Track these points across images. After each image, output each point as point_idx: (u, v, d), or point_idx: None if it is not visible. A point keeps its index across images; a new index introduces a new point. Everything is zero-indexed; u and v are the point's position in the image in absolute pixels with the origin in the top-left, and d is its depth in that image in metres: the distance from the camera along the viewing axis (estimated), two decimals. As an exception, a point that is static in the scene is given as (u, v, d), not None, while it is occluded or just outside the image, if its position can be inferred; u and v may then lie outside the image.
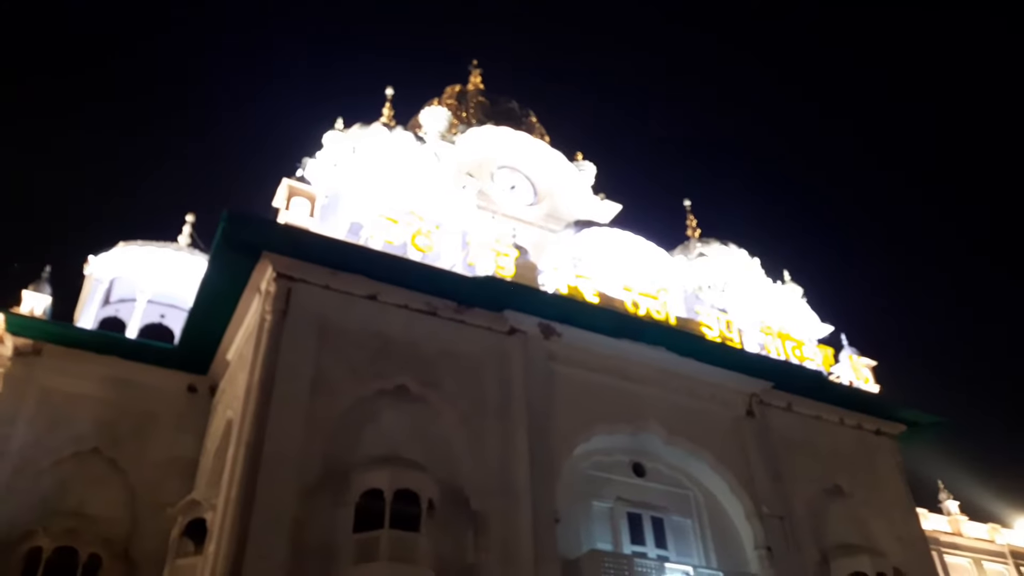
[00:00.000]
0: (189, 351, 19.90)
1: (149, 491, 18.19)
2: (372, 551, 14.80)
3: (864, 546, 21.03)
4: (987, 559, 31.52)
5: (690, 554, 19.52)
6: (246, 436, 15.47)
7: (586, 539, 18.43)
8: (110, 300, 22.74)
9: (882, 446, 24.12)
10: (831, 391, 23.78)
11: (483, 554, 16.10)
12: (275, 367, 16.23)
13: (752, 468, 20.82)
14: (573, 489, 18.77)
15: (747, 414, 21.96)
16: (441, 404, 17.69)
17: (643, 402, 20.48)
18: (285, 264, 17.35)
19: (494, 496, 16.89)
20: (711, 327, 22.30)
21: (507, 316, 19.45)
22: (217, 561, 14.31)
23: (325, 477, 15.58)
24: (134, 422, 19.05)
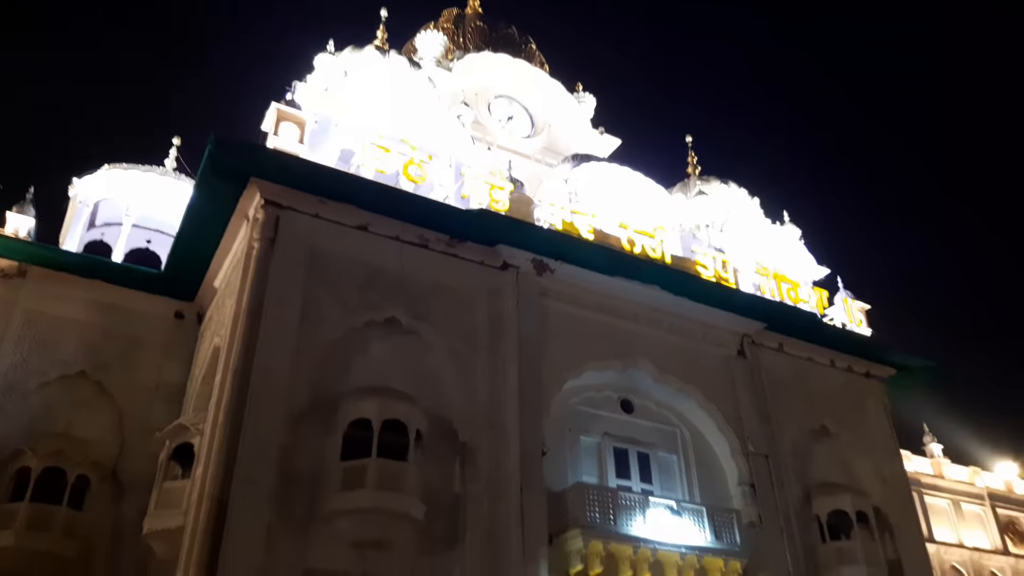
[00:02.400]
0: (175, 277, 19.64)
1: (137, 415, 18.19)
2: (359, 478, 14.87)
3: (846, 485, 21.36)
4: (966, 501, 32.19)
5: (674, 489, 19.80)
6: (234, 363, 15.38)
7: (572, 472, 18.62)
8: (95, 224, 22.36)
9: (871, 389, 24.26)
10: (823, 333, 23.77)
11: (470, 484, 16.22)
12: (263, 295, 16.03)
13: (740, 407, 20.95)
14: (561, 424, 18.88)
15: (738, 354, 21.97)
16: (432, 337, 17.56)
17: (634, 340, 20.43)
18: (273, 191, 16.95)
19: (482, 428, 16.95)
20: (706, 266, 22.11)
21: (500, 251, 19.18)
22: (205, 485, 14.38)
23: (313, 406, 15.55)
24: (121, 347, 18.91)
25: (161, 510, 15.83)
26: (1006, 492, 33.71)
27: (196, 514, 14.34)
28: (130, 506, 17.02)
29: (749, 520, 19.39)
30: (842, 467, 22.07)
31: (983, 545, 31.18)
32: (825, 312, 24.35)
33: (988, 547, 31.28)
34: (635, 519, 17.62)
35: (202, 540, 13.65)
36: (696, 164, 28.36)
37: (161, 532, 15.65)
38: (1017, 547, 32.24)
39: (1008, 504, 33.27)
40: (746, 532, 19.06)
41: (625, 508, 17.67)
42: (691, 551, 17.85)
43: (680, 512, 18.30)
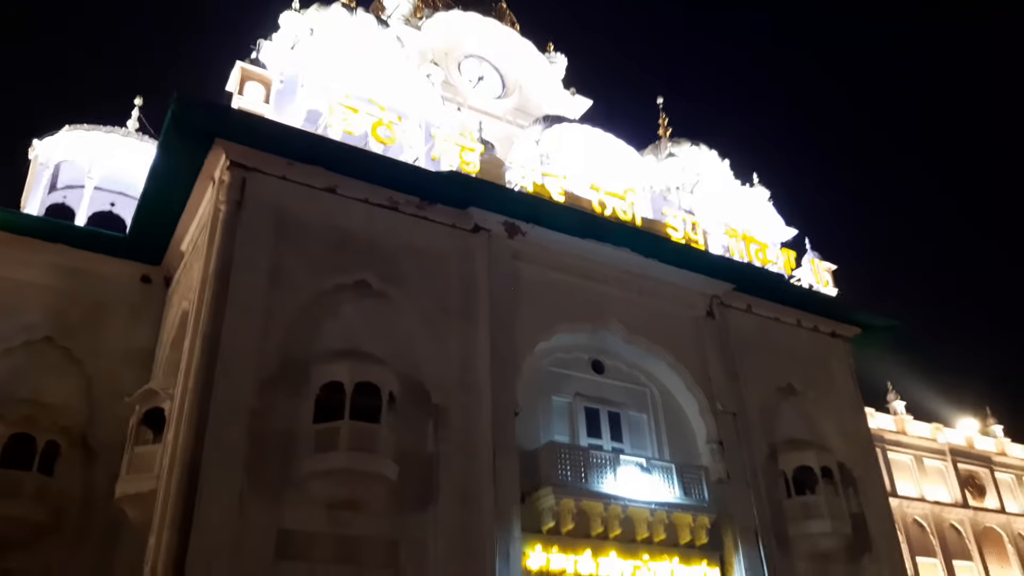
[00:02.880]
0: (141, 240, 19.30)
1: (105, 381, 17.98)
2: (332, 441, 14.92)
3: (812, 442, 21.88)
4: (928, 456, 33.11)
5: (644, 447, 20.14)
6: (202, 328, 15.23)
7: (544, 432, 18.84)
8: (57, 186, 21.88)
9: (836, 348, 24.73)
10: (791, 293, 24.11)
11: (443, 445, 16.35)
12: (231, 259, 15.83)
13: (709, 367, 21.26)
14: (533, 385, 19.02)
15: (707, 315, 22.23)
16: (403, 300, 17.52)
17: (605, 301, 20.57)
18: (239, 152, 16.65)
19: (455, 390, 17.03)
20: (676, 229, 22.24)
21: (471, 213, 19.10)
22: (176, 449, 14.34)
23: (284, 369, 15.49)
24: (87, 312, 18.64)
25: (133, 475, 15.79)
26: (967, 448, 34.72)
27: (168, 478, 14.33)
28: (101, 471, 16.93)
29: (717, 476, 19.82)
30: (808, 424, 22.59)
31: (944, 499, 32.18)
32: (792, 273, 24.68)
33: (948, 501, 32.29)
34: (606, 477, 17.91)
35: (175, 504, 13.64)
36: (667, 126, 28.35)
37: (133, 496, 15.64)
38: (976, 500, 33.34)
39: (968, 459, 34.31)
40: (714, 488, 19.49)
41: (596, 466, 17.94)
42: (660, 507, 18.24)
43: (650, 469, 18.64)
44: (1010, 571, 32.22)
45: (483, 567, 15.45)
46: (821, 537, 20.33)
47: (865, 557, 21.47)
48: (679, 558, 18.45)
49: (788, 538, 20.26)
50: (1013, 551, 32.72)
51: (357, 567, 14.73)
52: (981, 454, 35.17)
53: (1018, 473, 36.13)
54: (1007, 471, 35.66)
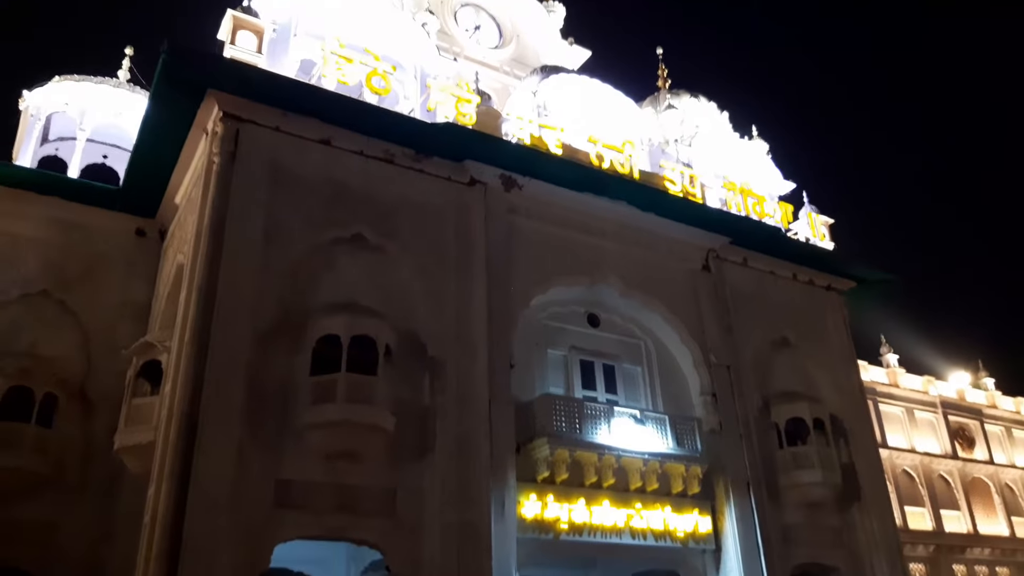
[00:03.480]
0: (134, 193, 19.17)
1: (102, 333, 18.04)
2: (329, 392, 15.03)
3: (804, 394, 22.12)
4: (919, 408, 33.49)
5: (638, 399, 20.37)
6: (198, 281, 15.23)
7: (540, 384, 19.01)
8: (48, 138, 21.64)
9: (831, 301, 24.85)
10: (787, 247, 24.12)
11: (439, 396, 16.50)
12: (225, 211, 15.73)
13: (704, 320, 21.37)
14: (529, 338, 19.13)
15: (703, 268, 22.26)
16: (399, 254, 17.48)
17: (601, 255, 20.57)
18: (232, 103, 16.42)
19: (451, 343, 17.11)
20: (674, 182, 22.11)
21: (467, 166, 18.94)
22: (174, 401, 14.46)
23: (281, 322, 15.53)
24: (82, 265, 18.60)
25: (131, 426, 15.95)
26: (958, 400, 35.12)
27: (166, 430, 14.48)
28: (100, 423, 17.09)
29: (710, 428, 20.09)
30: (801, 377, 22.81)
31: (933, 450, 32.65)
32: (789, 227, 24.65)
33: (938, 452, 32.76)
34: (600, 428, 18.14)
35: (173, 455, 13.81)
36: (666, 77, 28.05)
37: (132, 448, 15.82)
38: (965, 452, 33.85)
39: (959, 412, 34.73)
40: (707, 439, 19.77)
41: (590, 417, 18.16)
42: (654, 457, 18.51)
43: (643, 421, 18.87)
44: (996, 520, 32.89)
45: (479, 515, 15.73)
46: (811, 487, 20.70)
47: (855, 506, 21.91)
48: (671, 507, 18.81)
49: (779, 488, 20.63)
50: (999, 501, 33.37)
51: (355, 516, 14.99)
52: (972, 407, 35.59)
53: (1008, 425, 36.64)
54: (997, 423, 36.15)
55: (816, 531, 21.08)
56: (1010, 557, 32.51)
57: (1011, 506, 33.83)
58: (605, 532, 17.82)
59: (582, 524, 17.55)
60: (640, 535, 18.26)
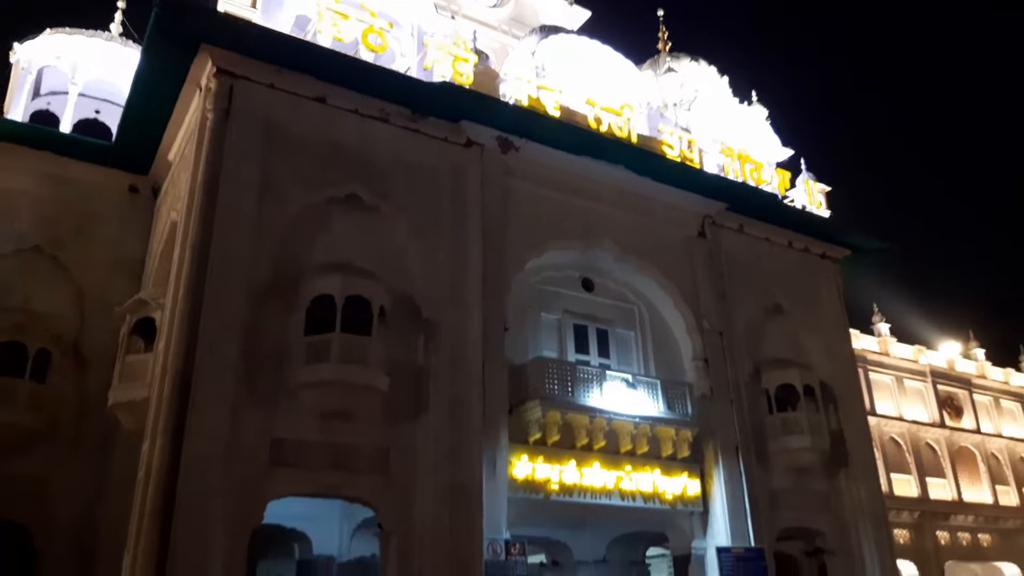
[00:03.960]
0: (127, 149, 18.95)
1: (96, 290, 17.99)
2: (324, 352, 15.05)
3: (795, 361, 22.26)
4: (908, 377, 33.75)
5: (631, 363, 20.48)
6: (191, 239, 15.15)
7: (533, 347, 19.10)
8: (40, 92, 21.35)
9: (825, 269, 24.90)
10: (783, 214, 24.08)
11: (433, 358, 16.56)
12: (219, 169, 15.58)
13: (698, 286, 21.40)
14: (523, 301, 19.18)
15: (699, 234, 22.23)
16: (394, 214, 17.39)
17: (597, 220, 20.51)
18: (226, 59, 16.17)
19: (445, 305, 17.12)
20: (672, 146, 21.96)
21: (464, 127, 18.76)
22: (168, 359, 14.48)
23: (275, 282, 15.50)
24: (75, 221, 18.47)
25: (125, 383, 15.99)
26: (947, 370, 35.39)
27: (160, 387, 14.50)
28: (94, 379, 17.11)
29: (701, 392, 20.24)
30: (793, 344, 22.94)
31: (921, 419, 32.98)
32: (786, 194, 24.58)
33: (926, 420, 33.10)
34: (592, 391, 18.26)
35: (167, 412, 13.86)
36: (667, 40, 27.70)
37: (127, 404, 15.88)
38: (953, 421, 34.20)
39: (948, 381, 35.02)
40: (698, 403, 19.94)
41: (583, 381, 18.27)
42: (644, 420, 18.68)
43: (635, 385, 19.00)
44: (980, 488, 33.39)
45: (471, 475, 15.90)
46: (800, 452, 20.95)
47: (842, 472, 22.20)
48: (660, 470, 19.03)
49: (768, 452, 20.87)
50: (985, 469, 33.84)
51: (348, 473, 15.13)
52: (961, 376, 35.88)
53: (996, 395, 37.00)
54: (985, 393, 36.50)
55: (803, 495, 21.39)
56: (993, 524, 33.07)
57: (996, 475, 34.33)
58: (595, 493, 18.04)
59: (572, 485, 17.77)
60: (629, 497, 18.50)
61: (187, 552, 12.90)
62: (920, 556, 29.66)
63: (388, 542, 15.26)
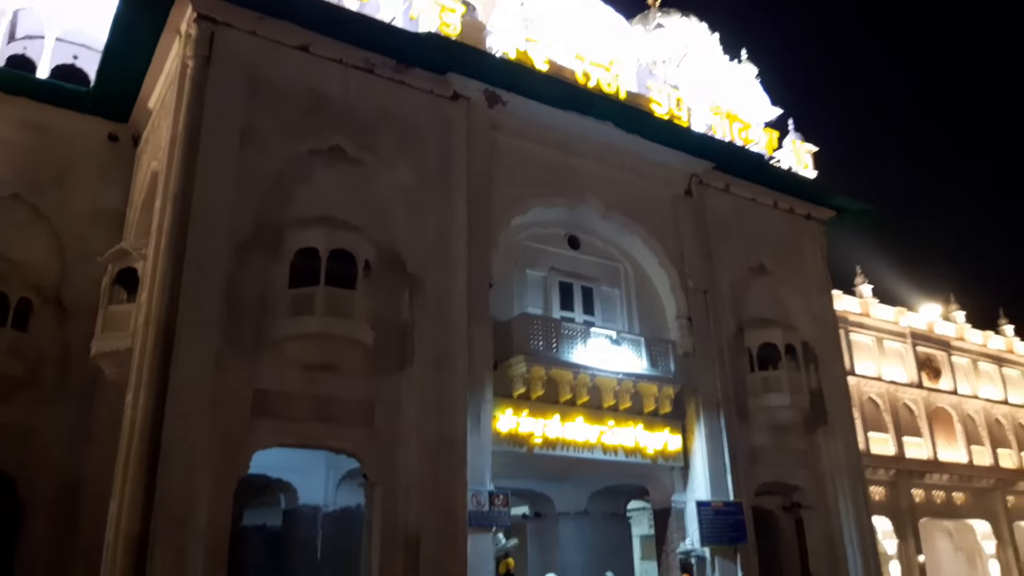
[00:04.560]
0: (106, 96, 18.54)
1: (76, 240, 17.76)
2: (308, 305, 15.01)
3: (778, 320, 22.48)
4: (889, 338, 34.11)
5: (615, 321, 20.59)
6: (173, 189, 14.94)
7: (518, 304, 19.14)
8: (15, 36, 20.75)
9: (810, 230, 25.01)
10: (770, 175, 24.08)
11: (418, 312, 16.57)
12: (200, 117, 15.30)
13: (683, 245, 21.46)
14: (509, 258, 19.17)
15: (685, 193, 22.22)
16: (378, 167, 17.23)
17: (583, 176, 20.42)
18: (206, 4, 15.75)
19: (430, 261, 17.08)
20: (660, 104, 21.82)
21: (450, 79, 18.51)
22: (151, 309, 14.38)
23: (258, 234, 15.35)
24: (54, 169, 18.12)
25: (108, 333, 15.89)
26: (927, 332, 35.79)
27: (143, 337, 14.43)
28: (76, 330, 16.99)
29: (684, 351, 20.43)
30: (776, 304, 23.14)
31: (900, 379, 33.43)
32: (773, 154, 24.54)
33: (905, 381, 33.56)
34: (576, 347, 18.38)
35: (151, 363, 13.82)
36: (658, -7, 27.29)
37: (110, 354, 15.80)
38: (931, 382, 34.69)
39: (928, 343, 35.44)
40: (681, 361, 20.13)
41: (567, 337, 18.37)
42: (628, 377, 18.85)
43: (619, 342, 19.13)
44: (956, 447, 34.05)
45: (455, 428, 16.04)
46: (779, 410, 21.27)
47: (820, 430, 22.58)
48: (643, 425, 19.28)
49: (748, 410, 21.18)
50: (961, 430, 34.45)
51: (333, 425, 15.22)
52: (940, 338, 36.31)
53: (974, 358, 37.52)
54: (964, 355, 37.00)
55: (782, 452, 21.77)
56: (967, 483, 33.81)
57: (971, 435, 34.98)
58: (577, 447, 18.28)
59: (555, 439, 17.98)
60: (611, 451, 18.75)
61: (173, 500, 12.98)
62: (895, 513, 30.32)
63: (373, 492, 15.43)
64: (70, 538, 15.62)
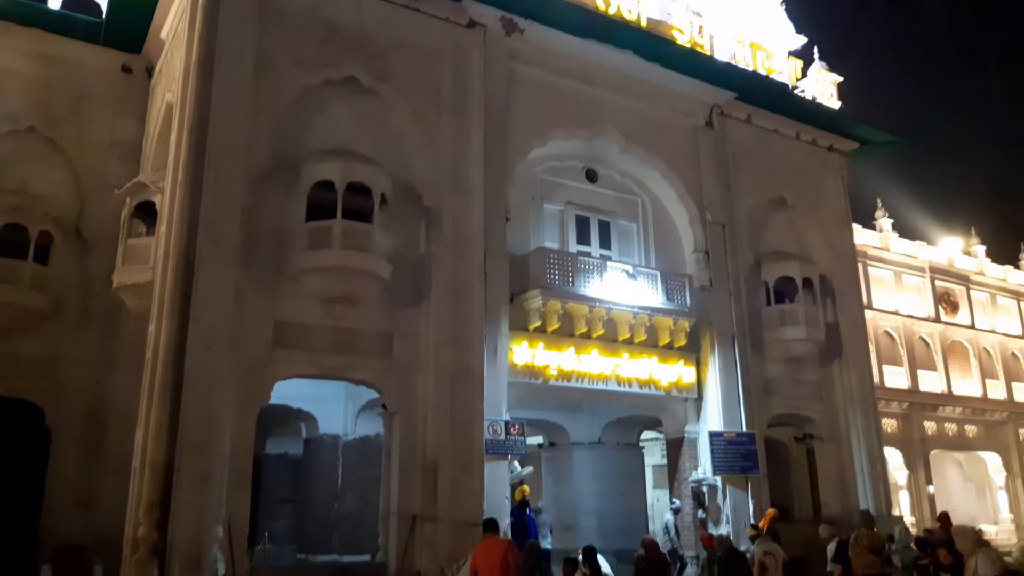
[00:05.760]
0: (118, 27, 18.25)
1: (93, 173, 17.79)
2: (325, 239, 15.06)
3: (796, 254, 22.35)
4: (907, 272, 33.88)
5: (632, 255, 20.53)
6: (188, 121, 14.86)
7: (535, 238, 19.09)
8: (24, -36, 20.34)
9: (832, 162, 24.59)
10: (793, 105, 23.54)
11: (435, 246, 16.61)
12: (213, 48, 15.09)
13: (702, 177, 21.20)
14: (525, 191, 19.05)
15: (706, 124, 21.85)
16: (393, 98, 17.01)
17: (603, 108, 20.09)
18: (216, -70, 15.37)
19: (447, 194, 17.00)
20: (683, 31, 21.25)
21: (466, 6, 18.08)
22: (170, 242, 14.50)
23: (274, 167, 15.33)
24: (69, 102, 18.04)
25: (129, 266, 16.07)
26: (947, 266, 35.48)
27: (163, 270, 14.58)
28: (96, 262, 17.19)
29: (700, 284, 20.40)
30: (794, 237, 22.96)
31: (917, 313, 33.34)
32: (797, 84, 23.96)
33: (922, 315, 33.46)
34: (592, 281, 18.40)
35: (172, 295, 13.99)
36: (680, -84, 26.16)
37: (131, 286, 16.01)
38: (948, 316, 34.60)
39: (947, 277, 35.18)
40: (697, 295, 20.12)
41: (583, 271, 18.37)
42: (643, 311, 18.89)
43: (635, 276, 19.11)
44: (970, 380, 34.14)
45: (472, 359, 16.24)
46: (795, 343, 21.34)
47: (835, 363, 22.67)
48: (657, 357, 19.42)
49: (763, 343, 21.25)
50: (976, 363, 34.47)
51: (352, 356, 15.46)
52: (960, 272, 36.01)
53: (993, 292, 37.24)
54: (983, 290, 36.73)
55: (796, 384, 21.93)
56: (979, 416, 34.02)
57: (986, 369, 35.02)
58: (592, 379, 18.47)
59: (570, 371, 18.17)
60: (625, 383, 18.95)
61: (197, 428, 13.32)
62: (906, 445, 30.67)
63: (392, 422, 15.77)
64: (98, 464, 16.13)
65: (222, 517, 13.24)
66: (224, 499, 13.35)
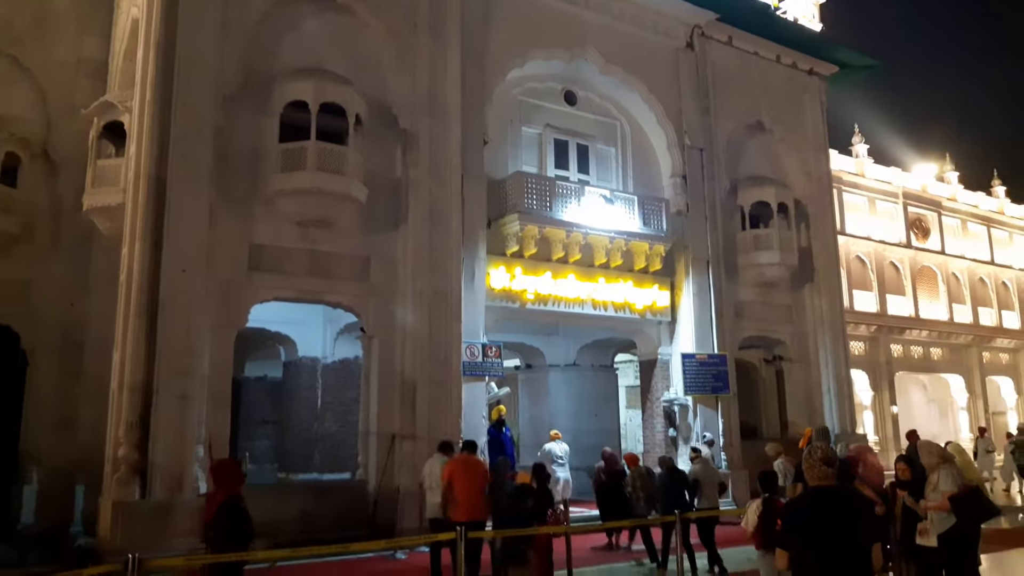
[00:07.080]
0: (77, -65, 17.48)
1: (59, 93, 17.18)
2: (299, 160, 14.83)
3: (772, 178, 22.45)
4: (881, 198, 34.11)
5: (609, 179, 20.51)
6: (155, 37, 14.39)
7: (513, 162, 18.96)
8: None
9: (811, 86, 24.47)
10: (774, 26, 23.27)
11: (411, 169, 16.46)
12: (178, -42, 14.52)
13: (682, 101, 21.05)
14: (503, 114, 18.81)
15: (686, 46, 21.56)
16: (368, 16, 16.53)
17: (583, 28, 19.72)
18: None
19: (423, 116, 16.74)
20: (664, -53, 20.70)
21: (443, -82, 17.44)
22: (140, 163, 14.22)
23: (245, 85, 14.97)
24: (31, 18, 17.20)
25: (99, 188, 15.74)
26: (920, 192, 35.73)
27: (135, 192, 14.31)
28: (66, 184, 16.78)
29: (677, 209, 20.51)
30: (771, 161, 23.03)
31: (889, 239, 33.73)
32: (779, 5, 23.60)
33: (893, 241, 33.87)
34: (570, 206, 18.41)
35: (144, 217, 13.80)
36: None
37: (102, 209, 15.73)
38: (919, 241, 35.08)
39: (919, 203, 35.46)
40: (673, 220, 20.24)
41: (561, 196, 18.35)
42: (620, 235, 19.00)
43: (613, 200, 19.14)
44: (938, 304, 34.90)
45: (449, 283, 16.33)
46: (768, 267, 21.66)
47: (807, 287, 23.11)
48: (633, 281, 19.66)
49: (737, 267, 21.56)
50: (944, 288, 35.15)
51: (329, 280, 15.47)
52: (932, 199, 36.32)
53: (964, 219, 37.70)
54: (954, 216, 37.17)
55: (767, 308, 22.39)
56: (945, 339, 34.92)
57: (954, 293, 35.75)
58: (568, 303, 18.70)
59: (547, 295, 18.36)
60: (601, 307, 19.22)
61: (174, 350, 13.38)
62: (873, 367, 31.51)
63: (370, 345, 15.93)
64: (76, 386, 16.11)
65: (202, 437, 13.46)
66: (204, 419, 13.55)
